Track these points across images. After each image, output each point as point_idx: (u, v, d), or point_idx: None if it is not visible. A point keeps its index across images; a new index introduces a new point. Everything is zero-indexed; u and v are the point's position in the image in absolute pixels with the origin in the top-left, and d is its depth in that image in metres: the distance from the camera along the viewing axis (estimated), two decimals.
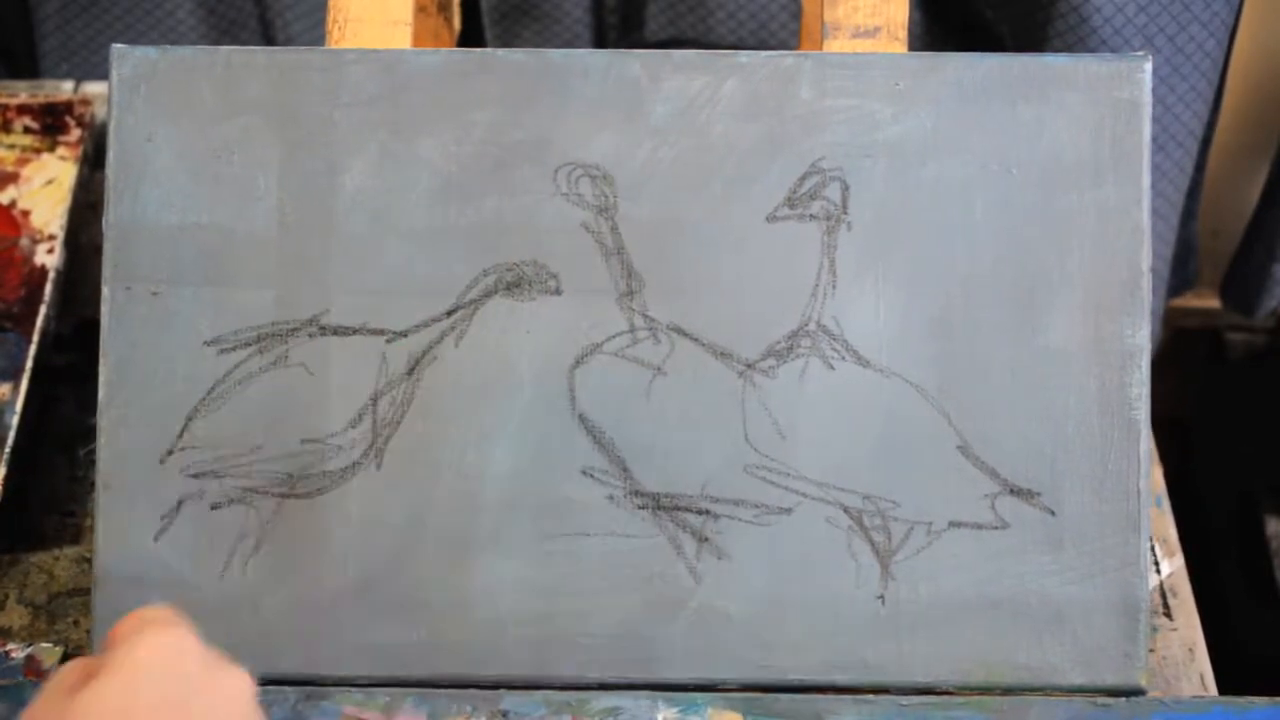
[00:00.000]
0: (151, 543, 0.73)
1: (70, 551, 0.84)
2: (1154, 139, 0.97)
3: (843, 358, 0.74)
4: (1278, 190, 1.09)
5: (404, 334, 0.74)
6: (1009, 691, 0.73)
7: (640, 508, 0.74)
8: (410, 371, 0.74)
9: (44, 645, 0.76)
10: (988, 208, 0.74)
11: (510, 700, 0.72)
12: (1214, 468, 1.29)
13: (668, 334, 0.74)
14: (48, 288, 0.89)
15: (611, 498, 0.74)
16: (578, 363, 0.74)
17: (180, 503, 0.74)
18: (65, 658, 0.78)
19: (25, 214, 0.94)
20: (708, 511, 0.74)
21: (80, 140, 0.97)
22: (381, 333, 0.74)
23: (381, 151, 0.74)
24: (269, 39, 1.09)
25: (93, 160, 0.98)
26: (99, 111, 0.99)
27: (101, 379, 0.74)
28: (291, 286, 0.74)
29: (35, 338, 0.87)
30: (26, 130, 0.98)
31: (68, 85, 1.07)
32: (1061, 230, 0.74)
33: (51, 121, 0.98)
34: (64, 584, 0.82)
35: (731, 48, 1.07)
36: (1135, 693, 0.73)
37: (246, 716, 0.55)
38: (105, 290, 0.74)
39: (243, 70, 0.75)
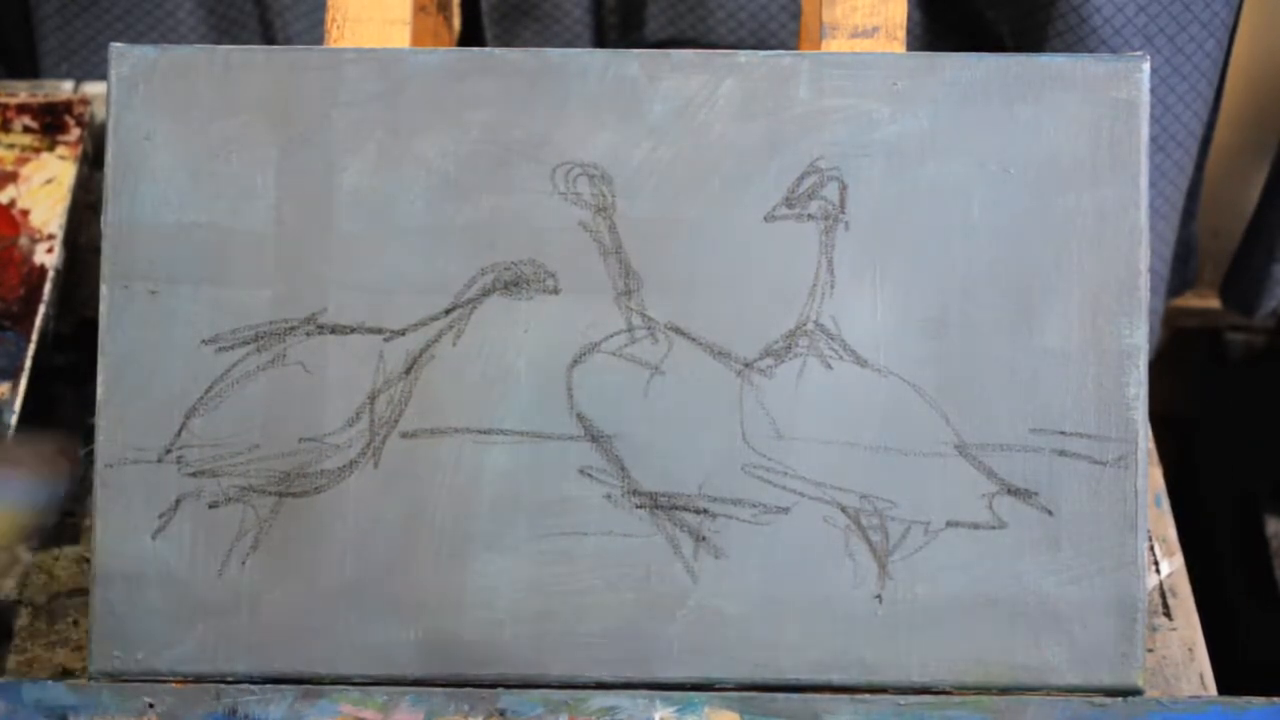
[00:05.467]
0: (150, 541, 0.74)
1: (70, 551, 0.84)
2: (1154, 139, 0.98)
3: (840, 357, 0.74)
4: (1278, 190, 1.08)
5: (402, 333, 0.74)
6: (1006, 691, 0.73)
7: (638, 507, 0.74)
8: (408, 370, 0.74)
9: None
10: (985, 208, 0.74)
11: (507, 699, 0.72)
12: (1214, 468, 1.29)
13: (665, 333, 0.74)
14: (47, 287, 0.89)
15: (609, 497, 0.74)
16: (575, 362, 0.74)
17: (178, 501, 0.74)
18: (61, 674, 0.78)
19: (24, 213, 0.94)
20: (705, 511, 0.74)
21: (80, 140, 0.97)
22: (379, 331, 0.74)
23: (380, 150, 0.74)
24: (269, 39, 1.09)
25: (92, 160, 0.98)
26: (98, 111, 0.99)
27: (100, 378, 0.74)
28: (289, 285, 0.74)
29: (35, 337, 0.87)
30: (26, 130, 0.98)
31: (67, 85, 1.07)
32: (1059, 230, 0.74)
33: (51, 121, 0.98)
34: (64, 584, 0.82)
35: (731, 48, 1.07)
36: (1132, 692, 0.73)
37: None
38: (103, 289, 0.74)
39: (241, 69, 0.75)
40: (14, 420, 0.83)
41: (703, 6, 1.06)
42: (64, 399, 0.90)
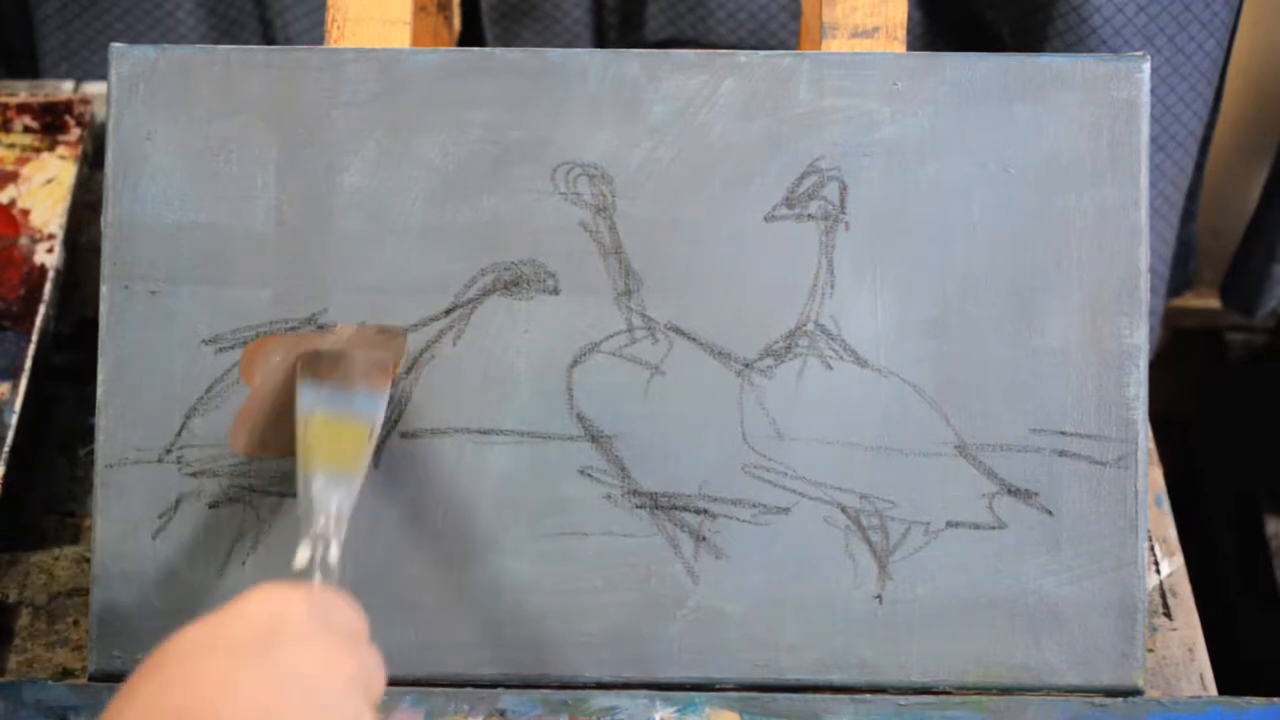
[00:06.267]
0: (150, 541, 0.74)
1: (70, 551, 0.84)
2: (1154, 139, 0.98)
3: (840, 357, 0.74)
4: (1278, 190, 1.08)
5: None
6: (1006, 691, 0.73)
7: (638, 507, 0.74)
8: (408, 370, 0.74)
9: None
10: (986, 208, 0.74)
11: (507, 699, 0.72)
12: (1214, 468, 1.29)
13: (666, 333, 0.74)
14: (47, 287, 0.89)
15: (609, 497, 0.74)
16: (575, 362, 0.74)
17: (178, 501, 0.74)
18: (61, 674, 0.78)
19: (25, 213, 0.94)
20: (705, 511, 0.74)
21: (80, 139, 0.97)
22: None
23: (380, 150, 0.74)
24: (269, 39, 1.09)
25: (92, 160, 0.98)
26: (99, 111, 0.99)
27: (100, 378, 0.74)
28: (289, 285, 0.74)
29: (35, 337, 0.87)
30: (26, 129, 0.98)
31: (68, 85, 1.07)
32: (1059, 230, 0.74)
33: (51, 121, 0.98)
34: (64, 584, 0.82)
35: (731, 48, 1.07)
36: (1132, 693, 0.73)
37: (332, 689, 0.52)
38: (104, 289, 0.74)
39: (241, 69, 0.75)
40: (14, 420, 0.83)
41: (703, 6, 1.06)
42: (64, 399, 0.90)
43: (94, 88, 1.05)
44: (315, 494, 0.64)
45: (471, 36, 1.08)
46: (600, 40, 1.10)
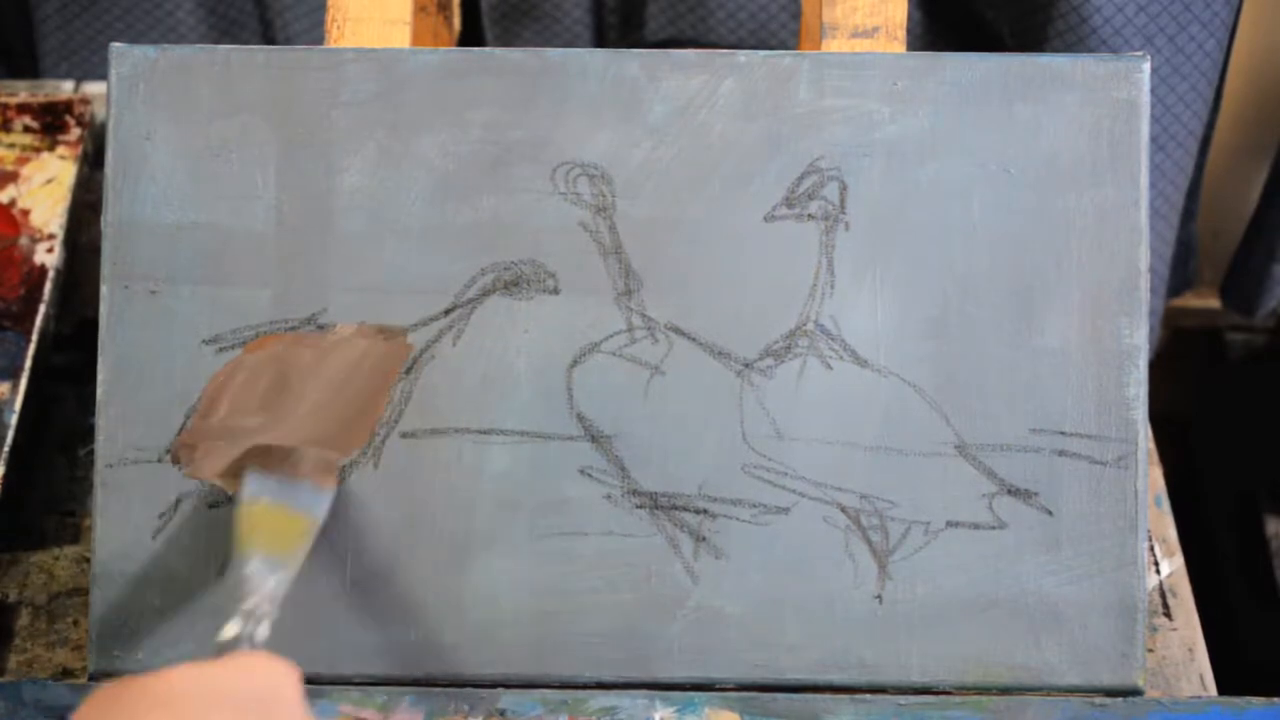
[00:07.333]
0: (150, 541, 0.74)
1: (70, 551, 0.84)
2: (1154, 139, 0.98)
3: (840, 357, 0.74)
4: (1278, 190, 1.09)
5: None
6: (1006, 691, 0.73)
7: (638, 507, 0.74)
8: (408, 370, 0.74)
9: None
10: (986, 208, 0.74)
11: (507, 699, 0.72)
12: (1214, 468, 1.29)
13: (665, 333, 0.74)
14: (47, 287, 0.89)
15: (609, 497, 0.74)
16: (576, 362, 0.74)
17: (178, 501, 0.74)
18: (61, 674, 0.78)
19: (25, 213, 0.94)
20: (705, 511, 0.74)
21: (80, 139, 0.97)
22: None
23: (380, 150, 0.74)
24: (269, 39, 1.09)
25: (92, 160, 0.98)
26: (99, 111, 0.99)
27: (100, 377, 0.74)
28: (289, 285, 0.74)
29: (35, 337, 0.87)
30: (26, 129, 0.98)
31: (68, 85, 1.07)
32: (1059, 230, 0.74)
33: (51, 121, 0.98)
34: (64, 584, 0.82)
35: (731, 48, 1.07)
36: (1132, 693, 0.73)
37: None
38: (104, 289, 0.74)
39: (241, 69, 0.75)
40: (14, 420, 0.83)
41: (703, 6, 1.06)
42: (64, 399, 0.90)
43: (94, 88, 1.06)
44: (251, 572, 0.65)
45: (471, 36, 1.08)
46: (600, 40, 1.10)
